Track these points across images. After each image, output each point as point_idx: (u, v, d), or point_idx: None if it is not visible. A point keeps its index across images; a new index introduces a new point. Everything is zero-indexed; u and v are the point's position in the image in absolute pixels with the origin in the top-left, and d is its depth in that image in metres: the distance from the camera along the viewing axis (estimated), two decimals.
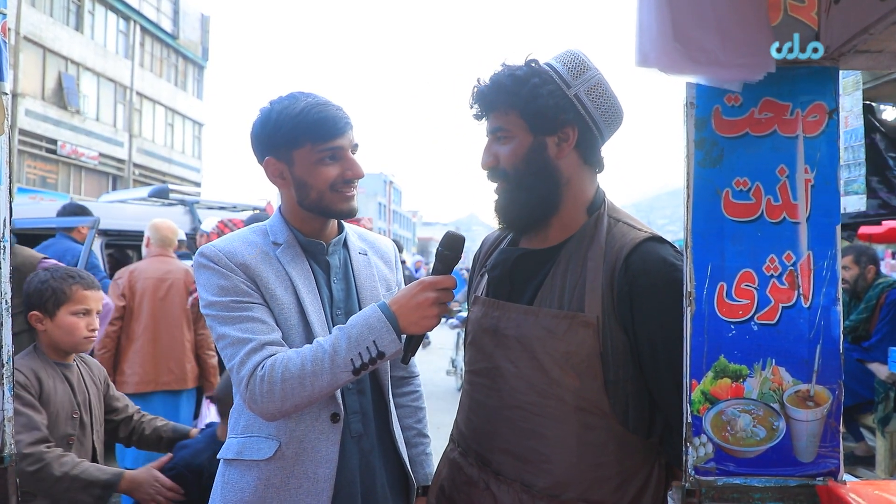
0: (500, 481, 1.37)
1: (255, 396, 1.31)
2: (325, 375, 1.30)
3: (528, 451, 1.34)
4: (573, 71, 1.35)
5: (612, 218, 1.39)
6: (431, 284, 1.35)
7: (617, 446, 1.31)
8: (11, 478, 1.53)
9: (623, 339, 1.30)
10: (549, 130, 1.35)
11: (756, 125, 1.26)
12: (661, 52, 1.08)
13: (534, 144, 1.35)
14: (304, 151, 1.45)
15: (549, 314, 1.32)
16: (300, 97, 1.47)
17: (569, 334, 1.29)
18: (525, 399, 1.35)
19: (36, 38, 20.35)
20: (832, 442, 1.27)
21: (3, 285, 1.52)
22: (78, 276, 2.18)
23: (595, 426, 1.31)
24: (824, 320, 1.25)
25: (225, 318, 1.38)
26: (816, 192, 1.25)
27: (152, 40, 27.42)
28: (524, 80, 1.33)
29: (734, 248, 1.27)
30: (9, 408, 1.53)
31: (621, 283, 1.29)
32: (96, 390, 2.22)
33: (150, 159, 26.68)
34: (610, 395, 1.30)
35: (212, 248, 1.46)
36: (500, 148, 1.38)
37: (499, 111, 1.37)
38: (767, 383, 1.26)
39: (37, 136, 20.46)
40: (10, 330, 1.53)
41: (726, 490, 1.28)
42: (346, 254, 1.61)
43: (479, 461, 1.42)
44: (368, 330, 1.31)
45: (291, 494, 1.40)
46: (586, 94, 1.34)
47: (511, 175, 1.37)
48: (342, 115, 1.46)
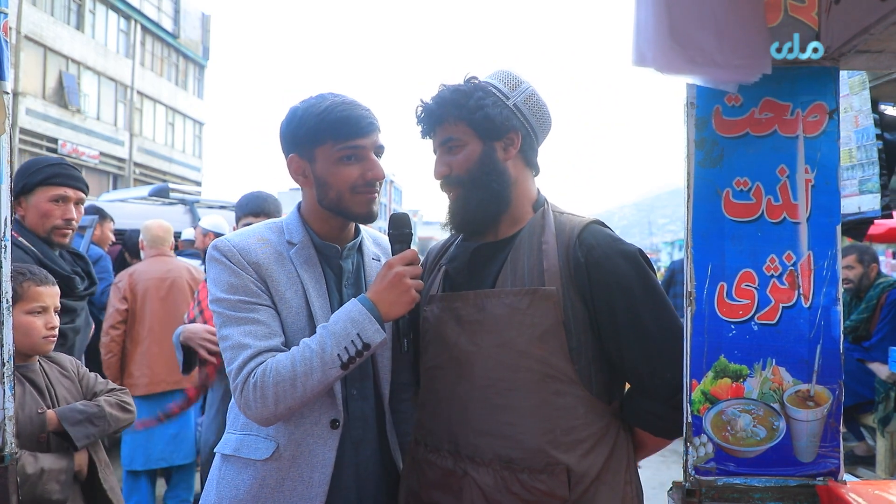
0: (477, 464, 1.41)
1: (249, 403, 1.33)
2: (315, 374, 1.31)
3: (503, 426, 1.39)
4: (508, 84, 1.49)
5: (556, 211, 1.51)
6: (398, 261, 1.42)
7: (585, 410, 1.39)
8: (12, 476, 1.53)
9: (582, 309, 1.38)
10: (496, 136, 1.46)
11: (756, 125, 1.26)
12: (658, 51, 1.08)
13: (485, 149, 1.46)
14: (325, 149, 1.45)
15: (511, 293, 1.40)
16: (328, 97, 1.48)
17: (532, 308, 1.37)
18: (495, 376, 1.40)
19: (37, 37, 20.36)
20: (832, 442, 1.27)
21: (4, 284, 1.52)
22: (29, 273, 2.07)
23: (564, 392, 1.38)
24: (824, 320, 1.25)
25: (230, 318, 1.39)
26: (817, 192, 1.25)
27: (153, 39, 27.42)
28: (469, 94, 1.45)
29: (734, 247, 1.27)
30: (9, 406, 1.53)
31: (576, 256, 1.39)
32: (70, 383, 2.15)
33: (151, 158, 26.68)
34: (574, 362, 1.38)
35: (226, 242, 1.46)
36: (451, 158, 1.48)
37: (447, 123, 1.47)
38: (768, 383, 1.27)
39: (38, 136, 20.48)
40: (11, 329, 1.53)
41: (726, 490, 1.28)
42: (359, 259, 1.61)
43: (451, 452, 1.46)
44: (351, 323, 1.33)
45: (286, 496, 1.40)
46: (523, 103, 1.48)
47: (465, 179, 1.47)
48: (367, 116, 1.46)
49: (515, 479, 1.36)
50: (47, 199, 2.34)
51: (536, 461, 1.36)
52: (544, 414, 1.37)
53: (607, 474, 1.39)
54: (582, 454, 1.37)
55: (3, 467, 1.52)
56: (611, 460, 1.40)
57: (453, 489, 1.43)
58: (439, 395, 1.50)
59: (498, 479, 1.37)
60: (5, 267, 1.53)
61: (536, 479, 1.35)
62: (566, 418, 1.37)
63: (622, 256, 1.39)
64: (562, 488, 1.33)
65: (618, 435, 1.43)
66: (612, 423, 1.43)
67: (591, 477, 1.36)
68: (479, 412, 1.42)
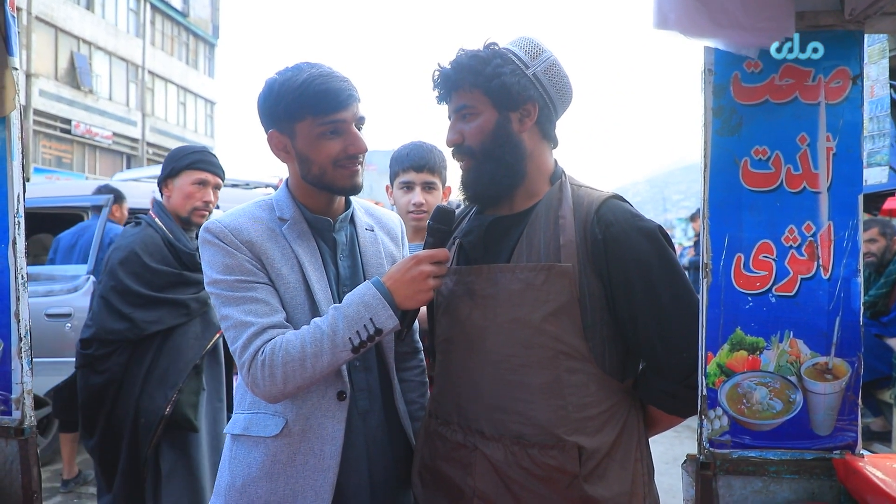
0: (487, 439, 1.40)
1: (258, 381, 1.33)
2: (326, 356, 1.31)
3: (515, 401, 1.38)
4: (530, 53, 1.43)
5: (574, 184, 1.47)
6: (426, 258, 1.37)
7: (598, 387, 1.37)
8: (32, 449, 1.56)
9: (598, 286, 1.35)
10: (512, 106, 1.41)
11: (776, 92, 1.23)
12: (681, 12, 1.05)
13: (499, 119, 1.41)
14: (305, 125, 1.42)
15: (526, 268, 1.38)
16: (304, 68, 1.43)
17: (547, 284, 1.35)
18: (508, 352, 1.39)
19: (48, 18, 20.34)
20: (850, 415, 1.26)
21: (19, 260, 1.53)
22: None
23: (576, 370, 1.36)
24: (844, 292, 1.23)
25: (229, 299, 1.39)
26: (838, 161, 1.22)
27: (163, 18, 27.32)
28: (487, 61, 1.40)
29: (752, 218, 1.24)
30: (27, 381, 1.55)
31: (594, 232, 1.35)
32: None
33: (163, 138, 26.73)
34: (588, 339, 1.36)
35: (217, 223, 1.45)
36: (464, 126, 1.44)
37: (463, 90, 1.43)
38: (785, 356, 1.25)
39: (51, 117, 20.56)
40: (27, 304, 1.55)
41: (741, 463, 1.28)
42: (352, 230, 1.59)
43: (462, 426, 1.46)
44: (365, 308, 1.32)
45: (298, 470, 1.41)
46: (543, 73, 1.42)
47: (477, 151, 1.43)
48: (345, 87, 1.42)
49: (526, 455, 1.36)
50: (190, 183, 2.61)
51: (547, 437, 1.35)
52: (556, 391, 1.36)
53: (618, 451, 1.38)
54: (593, 431, 1.36)
55: (23, 440, 1.55)
56: (622, 437, 1.39)
57: (463, 463, 1.43)
58: (451, 368, 1.50)
59: (508, 454, 1.37)
60: (19, 243, 1.53)
61: (547, 455, 1.34)
62: (578, 395, 1.36)
63: (641, 233, 1.35)
64: (572, 464, 1.33)
65: (629, 412, 1.42)
66: (624, 400, 1.42)
67: (602, 453, 1.36)
68: (491, 387, 1.41)
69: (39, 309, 4.07)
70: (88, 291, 4.19)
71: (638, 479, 1.39)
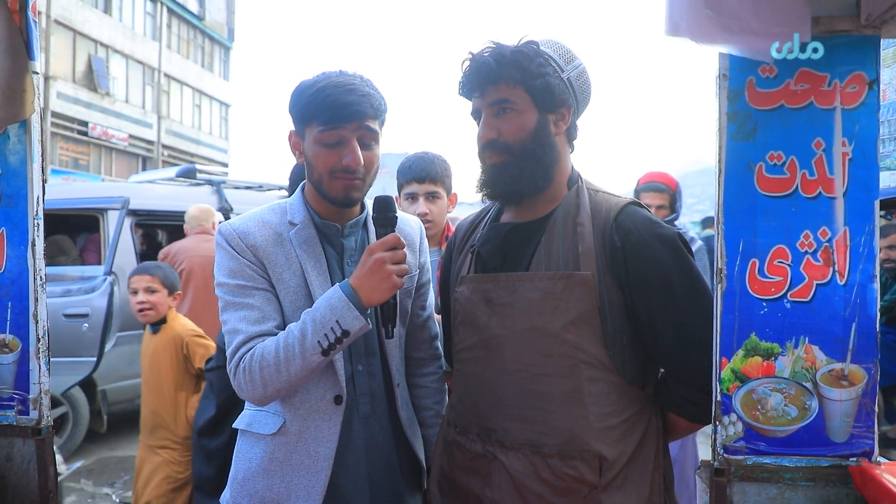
0: (506, 449, 1.39)
1: (242, 386, 1.38)
2: (297, 360, 1.34)
3: (536, 411, 1.37)
4: (564, 57, 1.42)
5: (591, 189, 1.46)
6: (378, 247, 1.37)
7: (619, 396, 1.36)
8: (49, 448, 1.58)
9: (618, 294, 1.34)
10: (552, 107, 1.40)
11: (792, 97, 1.22)
12: (692, 20, 1.05)
13: (540, 119, 1.40)
14: (311, 130, 1.44)
15: (545, 276, 1.37)
16: (330, 76, 1.45)
17: (566, 292, 1.34)
18: (528, 361, 1.38)
19: (66, 21, 20.60)
20: (866, 422, 1.25)
21: (38, 262, 1.55)
22: None
23: (597, 379, 1.35)
24: (860, 298, 1.22)
25: (228, 303, 1.43)
26: (854, 166, 1.21)
27: (179, 22, 27.56)
28: (531, 58, 1.37)
29: (767, 223, 1.23)
30: (45, 381, 1.57)
31: (613, 240, 1.34)
32: None
33: (179, 140, 26.95)
34: (609, 348, 1.34)
35: (228, 227, 1.48)
36: (501, 122, 1.40)
37: (504, 84, 1.38)
38: (800, 362, 1.24)
39: (68, 119, 20.80)
40: (45, 306, 1.57)
41: (756, 469, 1.27)
42: (364, 235, 1.59)
43: (481, 436, 1.45)
44: (331, 311, 1.34)
45: (293, 469, 1.44)
46: (576, 79, 1.42)
47: (516, 149, 1.40)
48: (354, 102, 1.40)
49: (546, 465, 1.34)
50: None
51: (568, 447, 1.34)
52: (577, 400, 1.34)
53: (637, 460, 1.36)
54: (614, 440, 1.34)
55: (40, 440, 1.57)
56: (642, 446, 1.38)
57: (482, 473, 1.42)
58: (469, 377, 1.49)
59: (528, 465, 1.36)
60: (38, 245, 1.56)
61: (567, 465, 1.33)
62: (599, 405, 1.34)
63: (660, 241, 1.34)
64: (592, 474, 1.32)
65: (650, 420, 1.41)
66: (645, 409, 1.40)
67: (622, 463, 1.34)
68: (510, 397, 1.40)
69: (57, 309, 4.12)
70: (106, 292, 4.23)
71: (655, 488, 1.38)
